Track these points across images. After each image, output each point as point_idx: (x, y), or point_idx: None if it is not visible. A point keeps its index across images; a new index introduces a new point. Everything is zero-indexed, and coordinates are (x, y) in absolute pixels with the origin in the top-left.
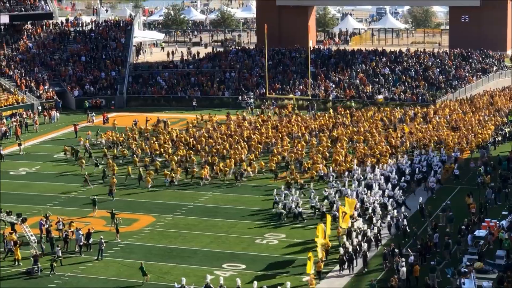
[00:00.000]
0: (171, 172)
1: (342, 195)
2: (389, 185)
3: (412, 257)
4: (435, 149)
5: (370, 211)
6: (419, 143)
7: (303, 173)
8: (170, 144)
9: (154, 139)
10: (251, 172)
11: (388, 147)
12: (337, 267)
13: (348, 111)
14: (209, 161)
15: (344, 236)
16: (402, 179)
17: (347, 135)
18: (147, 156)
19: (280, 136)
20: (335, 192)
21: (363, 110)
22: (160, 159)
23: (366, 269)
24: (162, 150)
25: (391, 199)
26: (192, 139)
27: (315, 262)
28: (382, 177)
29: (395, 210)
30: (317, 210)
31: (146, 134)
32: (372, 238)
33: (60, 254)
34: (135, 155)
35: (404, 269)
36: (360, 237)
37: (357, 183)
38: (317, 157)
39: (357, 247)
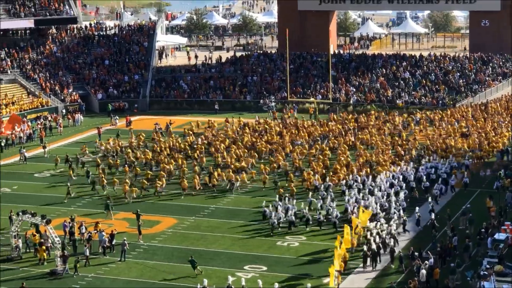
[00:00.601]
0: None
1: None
2: (392, 191)
3: (432, 260)
4: (442, 155)
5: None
6: (427, 151)
7: (302, 182)
8: (166, 152)
9: (146, 149)
10: (240, 182)
11: (390, 155)
12: (361, 264)
13: (352, 117)
14: (210, 170)
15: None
16: (403, 186)
17: (350, 142)
18: (139, 166)
19: (282, 142)
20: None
21: (367, 114)
22: (154, 169)
23: (393, 265)
24: (156, 159)
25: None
26: (189, 147)
27: (336, 276)
28: (382, 184)
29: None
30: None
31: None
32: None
33: (88, 254)
34: (126, 165)
35: (424, 271)
36: (384, 233)
37: (356, 190)
38: (316, 165)
39: (381, 244)
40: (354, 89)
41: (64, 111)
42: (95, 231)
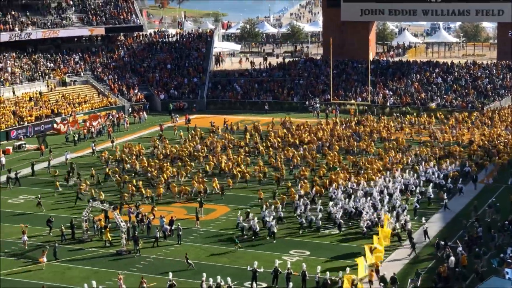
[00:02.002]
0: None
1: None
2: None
3: (460, 248)
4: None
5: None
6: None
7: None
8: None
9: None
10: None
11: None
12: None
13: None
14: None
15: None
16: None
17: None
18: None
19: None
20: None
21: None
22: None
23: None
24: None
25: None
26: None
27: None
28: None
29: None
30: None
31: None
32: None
33: (158, 236)
34: (117, 174)
35: (452, 258)
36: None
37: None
38: (305, 170)
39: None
40: (391, 93)
41: (130, 109)
42: (153, 218)
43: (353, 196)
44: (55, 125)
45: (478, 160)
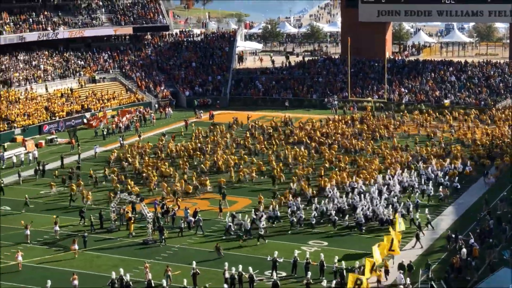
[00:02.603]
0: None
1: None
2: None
3: (472, 240)
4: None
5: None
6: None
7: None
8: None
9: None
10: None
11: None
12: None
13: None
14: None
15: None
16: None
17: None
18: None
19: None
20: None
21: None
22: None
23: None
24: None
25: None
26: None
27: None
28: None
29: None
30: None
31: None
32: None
33: (183, 226)
34: (113, 174)
35: (464, 250)
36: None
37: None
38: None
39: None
40: (406, 90)
41: (156, 105)
42: (178, 209)
43: (350, 194)
44: (87, 120)
45: (478, 160)
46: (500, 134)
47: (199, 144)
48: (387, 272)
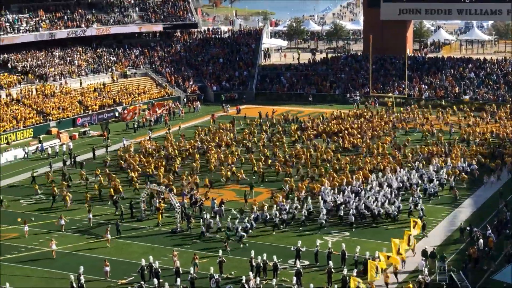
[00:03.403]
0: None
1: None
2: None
3: (489, 231)
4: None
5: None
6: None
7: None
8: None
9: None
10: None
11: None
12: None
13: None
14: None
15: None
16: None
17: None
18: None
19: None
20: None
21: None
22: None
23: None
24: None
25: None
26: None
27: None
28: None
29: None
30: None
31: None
32: None
33: (209, 216)
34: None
35: (481, 240)
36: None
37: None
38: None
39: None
40: (426, 87)
41: (185, 100)
42: (205, 199)
43: (342, 193)
44: (120, 114)
45: (481, 159)
46: (506, 133)
47: (199, 143)
48: (396, 274)
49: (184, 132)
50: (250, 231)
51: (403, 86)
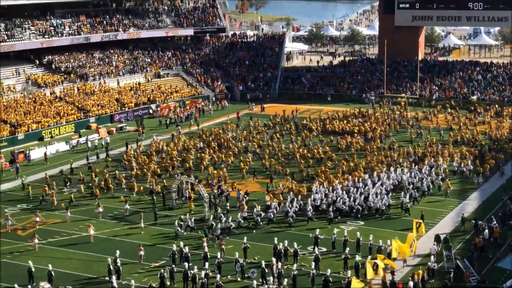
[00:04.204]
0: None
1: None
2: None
3: (494, 222)
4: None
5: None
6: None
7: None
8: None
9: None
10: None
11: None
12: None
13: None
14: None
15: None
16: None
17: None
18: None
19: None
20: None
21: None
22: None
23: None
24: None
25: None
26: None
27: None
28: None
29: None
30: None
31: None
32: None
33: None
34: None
35: (487, 231)
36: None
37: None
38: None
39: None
40: (437, 88)
41: (214, 98)
42: (231, 190)
43: (335, 192)
44: (158, 110)
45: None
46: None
47: (201, 143)
48: (393, 273)
49: (212, 128)
50: (235, 230)
51: (415, 87)
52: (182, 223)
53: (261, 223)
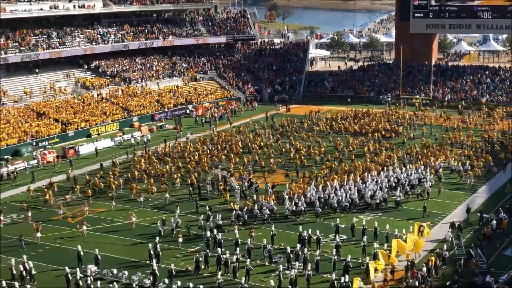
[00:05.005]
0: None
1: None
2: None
3: (502, 214)
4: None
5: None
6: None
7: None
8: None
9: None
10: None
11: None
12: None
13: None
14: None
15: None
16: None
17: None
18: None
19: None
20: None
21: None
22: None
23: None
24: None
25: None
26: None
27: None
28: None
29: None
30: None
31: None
32: None
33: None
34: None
35: (494, 222)
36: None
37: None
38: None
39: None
40: (449, 90)
41: (244, 100)
42: (260, 182)
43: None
44: (193, 110)
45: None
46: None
47: (210, 145)
48: (392, 272)
49: (242, 127)
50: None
51: (429, 89)
52: (164, 226)
53: (306, 213)
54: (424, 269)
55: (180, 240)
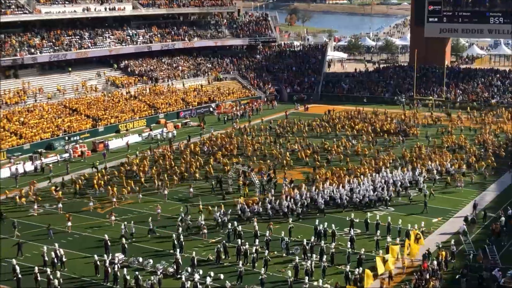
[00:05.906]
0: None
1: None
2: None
3: (510, 211)
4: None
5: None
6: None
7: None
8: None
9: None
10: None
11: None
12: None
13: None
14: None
15: None
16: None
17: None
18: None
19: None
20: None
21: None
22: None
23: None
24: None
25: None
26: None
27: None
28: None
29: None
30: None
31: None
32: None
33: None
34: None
35: (503, 218)
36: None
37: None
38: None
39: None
40: (461, 92)
41: (265, 99)
42: (279, 177)
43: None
44: (222, 107)
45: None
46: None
47: (205, 147)
48: (390, 277)
49: (262, 125)
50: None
51: (442, 91)
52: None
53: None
54: (435, 262)
55: (205, 231)
